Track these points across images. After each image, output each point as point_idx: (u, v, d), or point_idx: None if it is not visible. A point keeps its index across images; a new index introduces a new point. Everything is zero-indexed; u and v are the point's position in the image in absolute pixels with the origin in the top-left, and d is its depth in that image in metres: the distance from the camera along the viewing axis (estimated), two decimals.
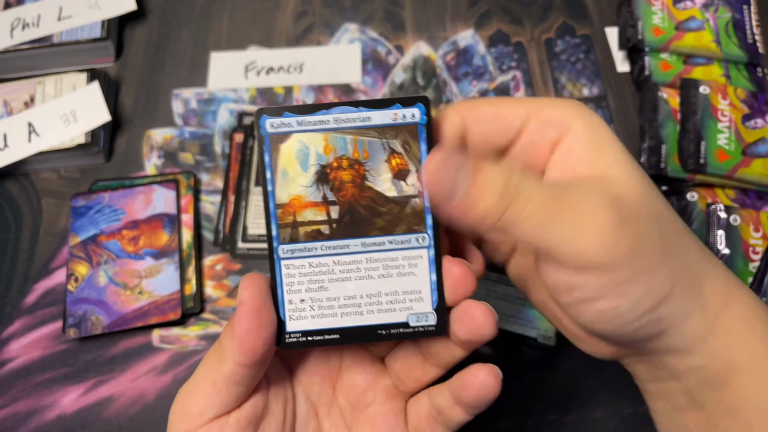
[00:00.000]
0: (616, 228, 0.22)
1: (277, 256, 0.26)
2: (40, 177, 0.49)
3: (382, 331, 0.26)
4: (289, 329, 0.26)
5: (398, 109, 0.25)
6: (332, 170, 0.26)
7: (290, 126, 0.26)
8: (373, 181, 0.26)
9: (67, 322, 0.41)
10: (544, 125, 0.25)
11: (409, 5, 0.56)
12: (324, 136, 0.26)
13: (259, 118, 0.26)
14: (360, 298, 0.26)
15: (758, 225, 0.43)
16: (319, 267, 0.26)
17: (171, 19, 0.56)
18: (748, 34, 0.50)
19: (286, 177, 0.26)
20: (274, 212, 0.26)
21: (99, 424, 0.40)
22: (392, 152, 0.26)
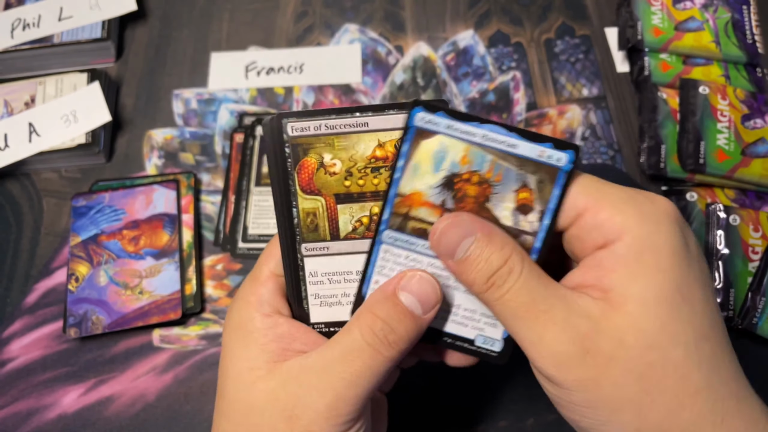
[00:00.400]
0: (573, 355, 0.23)
1: (380, 239, 0.27)
2: (41, 177, 0.49)
3: (447, 339, 0.27)
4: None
5: (548, 148, 0.25)
6: (461, 181, 0.26)
7: (438, 126, 0.26)
8: (495, 205, 0.26)
9: (68, 321, 0.42)
10: (594, 228, 0.25)
11: (409, 5, 0.56)
12: (466, 147, 0.26)
13: (412, 108, 0.26)
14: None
15: (757, 225, 0.43)
16: (414, 262, 0.27)
17: (171, 19, 0.56)
18: (747, 34, 0.51)
19: (416, 171, 0.26)
20: (393, 198, 0.26)
21: (100, 423, 0.40)
22: (524, 186, 0.26)
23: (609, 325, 0.23)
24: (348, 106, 0.25)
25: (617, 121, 0.50)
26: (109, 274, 0.43)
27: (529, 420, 0.40)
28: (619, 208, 0.24)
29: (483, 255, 0.24)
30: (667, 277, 0.23)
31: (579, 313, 0.23)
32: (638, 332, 0.23)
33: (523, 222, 0.26)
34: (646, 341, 0.23)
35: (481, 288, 0.25)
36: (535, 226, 0.26)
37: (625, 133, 0.50)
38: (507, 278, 0.24)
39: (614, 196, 0.25)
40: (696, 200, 0.45)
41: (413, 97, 0.52)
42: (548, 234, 0.26)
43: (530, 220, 0.26)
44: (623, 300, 0.23)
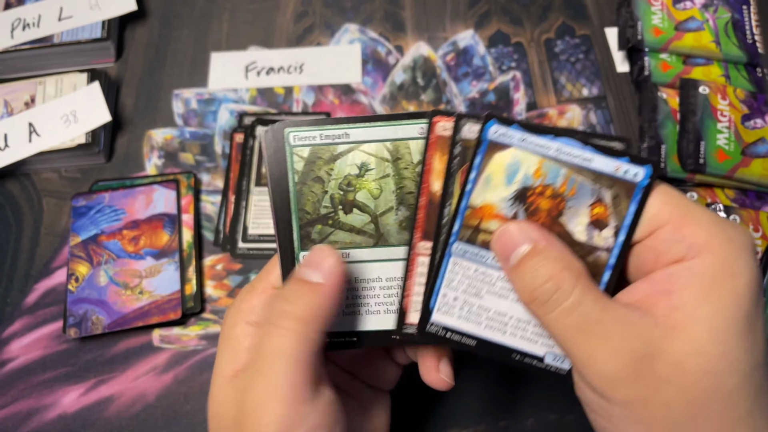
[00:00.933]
0: (626, 376, 0.23)
1: (449, 251, 0.26)
2: (41, 177, 0.49)
3: (515, 356, 0.27)
4: (433, 319, 0.27)
5: (625, 162, 0.25)
6: (534, 194, 0.26)
7: (512, 139, 0.25)
8: (568, 220, 0.26)
9: (68, 321, 0.42)
10: (675, 242, 0.24)
11: (409, 5, 0.56)
12: (540, 160, 0.25)
13: (486, 121, 0.25)
14: (509, 318, 0.27)
15: (757, 225, 0.43)
16: (484, 276, 0.26)
17: (171, 19, 0.56)
18: (747, 34, 0.51)
19: (488, 184, 0.26)
20: (464, 210, 0.26)
21: (100, 423, 0.40)
22: (599, 200, 0.25)
23: (670, 348, 0.23)
24: (556, 126, 0.25)
25: (617, 121, 0.50)
26: (109, 274, 0.43)
27: (529, 420, 0.40)
28: (704, 226, 0.24)
29: (531, 265, 0.24)
30: (739, 304, 0.23)
31: (636, 335, 0.23)
32: (699, 357, 0.22)
33: (597, 238, 0.25)
34: (706, 367, 0.22)
35: (525, 299, 0.25)
36: (609, 242, 0.25)
37: (625, 133, 0.50)
38: (552, 295, 0.24)
39: (699, 213, 0.24)
40: (696, 200, 0.45)
41: (414, 99, 0.52)
42: (623, 250, 0.25)
43: (605, 235, 0.25)
44: (690, 321, 0.23)
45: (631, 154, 0.25)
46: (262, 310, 0.28)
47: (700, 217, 0.24)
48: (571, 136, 0.25)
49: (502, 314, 0.27)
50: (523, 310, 0.26)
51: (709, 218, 0.24)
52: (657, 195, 0.25)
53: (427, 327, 0.27)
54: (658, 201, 0.25)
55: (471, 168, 0.26)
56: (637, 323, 0.23)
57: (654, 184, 0.25)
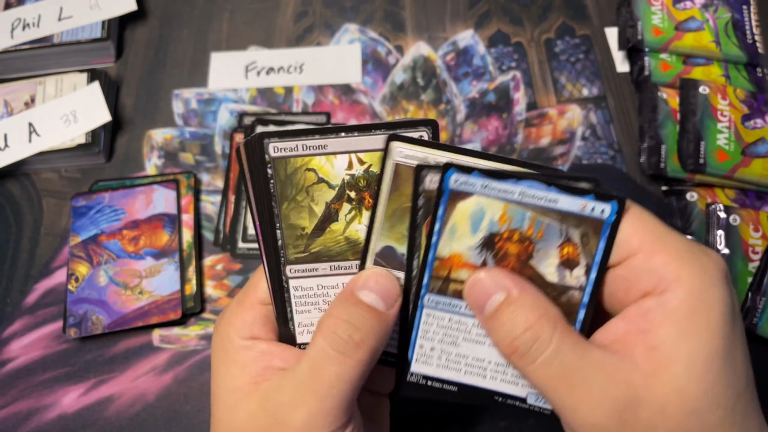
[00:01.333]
0: (610, 427, 0.22)
1: (421, 303, 0.26)
2: (41, 177, 0.49)
3: (498, 398, 0.27)
4: (412, 369, 0.27)
5: (590, 200, 0.24)
6: (501, 240, 0.25)
7: (474, 187, 0.25)
8: (538, 263, 0.25)
9: (68, 321, 0.42)
10: (645, 272, 0.24)
11: (409, 5, 0.56)
12: (504, 205, 0.25)
13: (446, 171, 0.25)
14: (488, 363, 0.26)
15: (758, 225, 0.43)
16: (458, 324, 0.26)
17: (171, 19, 0.56)
18: (747, 34, 0.51)
19: (454, 234, 0.25)
20: (432, 262, 0.26)
21: (100, 423, 0.40)
22: (568, 240, 0.25)
23: (651, 393, 0.22)
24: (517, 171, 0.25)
25: (617, 121, 0.50)
26: (108, 274, 0.43)
27: (529, 420, 0.40)
28: (674, 255, 0.23)
29: (508, 313, 0.24)
30: (717, 337, 0.22)
31: (618, 382, 0.22)
32: (681, 399, 0.22)
33: (569, 277, 0.25)
34: (688, 407, 0.22)
35: (505, 350, 0.24)
36: (581, 281, 0.25)
37: (625, 133, 0.50)
38: (533, 346, 0.23)
39: (671, 241, 0.24)
40: (696, 200, 0.45)
41: (414, 99, 0.52)
42: (595, 288, 0.25)
43: (576, 275, 0.25)
44: (669, 361, 0.22)
45: (596, 191, 0.24)
46: (254, 324, 0.28)
47: (670, 245, 0.23)
48: (535, 179, 0.25)
49: (480, 359, 0.26)
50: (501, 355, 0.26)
51: (680, 246, 0.24)
52: (628, 221, 0.24)
53: (408, 377, 0.27)
54: (629, 227, 0.24)
55: (435, 219, 0.25)
56: (617, 369, 0.23)
57: (624, 214, 0.24)
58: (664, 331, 0.23)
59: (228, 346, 0.28)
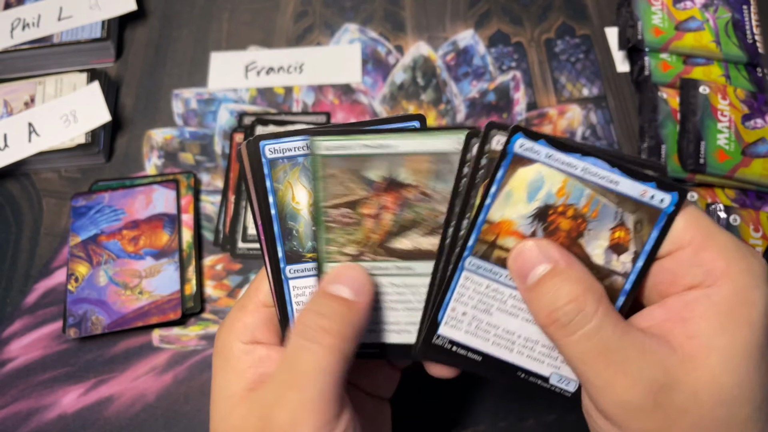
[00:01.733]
0: (643, 406, 0.22)
1: (462, 265, 0.26)
2: (41, 177, 0.49)
3: (521, 374, 0.27)
4: (440, 332, 0.27)
5: (651, 187, 0.24)
6: (555, 213, 0.25)
7: (538, 155, 0.24)
8: (587, 242, 0.25)
9: (68, 321, 0.42)
10: (693, 265, 0.24)
11: (409, 5, 0.56)
12: (564, 178, 0.25)
13: (512, 134, 0.24)
14: (517, 337, 0.26)
15: (758, 225, 0.43)
16: (495, 293, 0.26)
17: (171, 19, 0.56)
18: (747, 34, 0.51)
19: (509, 199, 0.25)
20: (480, 225, 0.25)
21: (99, 423, 0.40)
22: (621, 224, 0.25)
23: (686, 378, 0.22)
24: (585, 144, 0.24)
25: (617, 121, 0.50)
26: (108, 274, 0.43)
27: (529, 420, 0.40)
28: (724, 252, 0.23)
29: (552, 284, 0.24)
30: (755, 334, 0.23)
31: (655, 364, 0.23)
32: (714, 387, 0.22)
33: (615, 262, 0.25)
34: (721, 397, 0.22)
35: (543, 320, 0.24)
36: (627, 267, 0.25)
37: (625, 133, 0.50)
38: (575, 318, 0.23)
39: (721, 238, 0.24)
40: (696, 200, 0.45)
41: (414, 99, 0.51)
42: (640, 276, 0.25)
43: (623, 260, 0.25)
44: (707, 351, 0.23)
45: (659, 180, 0.24)
46: (256, 328, 0.28)
47: (720, 243, 0.24)
48: (600, 157, 0.24)
49: (511, 332, 0.26)
50: (533, 330, 0.26)
51: (730, 244, 0.24)
52: (682, 215, 0.24)
53: (434, 339, 0.27)
54: (681, 222, 0.24)
55: (492, 181, 0.25)
56: (655, 351, 0.23)
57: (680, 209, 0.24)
58: (705, 323, 0.23)
59: (227, 353, 0.27)
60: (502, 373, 0.27)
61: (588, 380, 0.23)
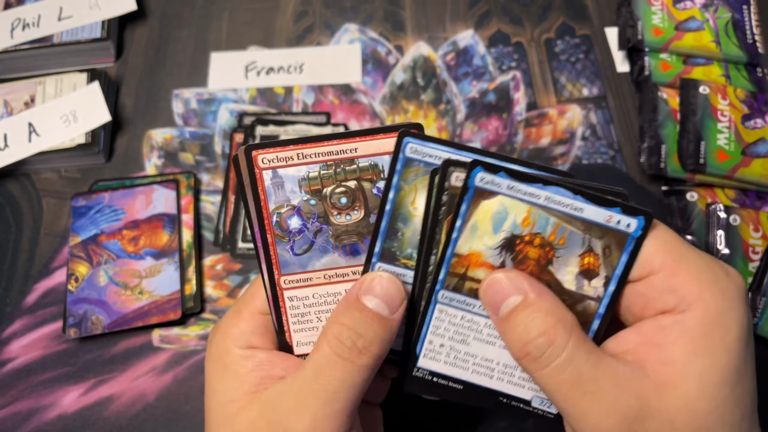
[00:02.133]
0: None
1: (435, 299, 0.26)
2: (41, 177, 0.49)
3: (502, 399, 0.27)
4: (419, 365, 0.27)
5: (617, 213, 0.24)
6: (522, 243, 0.25)
7: (499, 187, 0.25)
8: (557, 269, 0.25)
9: (68, 321, 0.42)
10: (665, 291, 0.24)
11: (409, 5, 0.56)
12: (528, 208, 0.25)
13: (472, 169, 0.24)
14: (496, 363, 0.26)
15: (758, 225, 0.43)
16: (470, 323, 0.26)
17: (171, 19, 0.56)
18: (747, 34, 0.51)
19: (474, 232, 0.25)
20: (449, 259, 0.25)
21: (99, 423, 0.40)
22: (589, 250, 0.25)
23: (661, 405, 0.22)
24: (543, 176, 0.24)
25: (617, 121, 0.50)
26: (108, 274, 0.43)
27: (529, 420, 0.40)
28: (696, 276, 0.23)
29: (523, 317, 0.24)
30: (730, 358, 0.23)
31: (629, 392, 0.22)
32: (690, 414, 0.22)
33: (587, 287, 0.25)
34: (696, 424, 0.22)
35: (516, 354, 0.24)
36: (599, 292, 0.25)
37: (625, 133, 0.50)
38: (546, 351, 0.23)
39: (692, 261, 0.24)
40: (696, 200, 0.45)
41: (414, 99, 0.52)
42: (612, 300, 0.25)
43: (594, 285, 0.25)
44: (681, 377, 0.22)
45: (624, 205, 0.24)
46: (252, 334, 0.28)
47: (692, 266, 0.24)
48: (562, 185, 0.24)
49: (489, 360, 0.26)
50: (510, 356, 0.26)
51: (703, 266, 0.24)
52: (651, 239, 0.24)
53: (414, 372, 0.27)
54: (650, 246, 0.24)
55: (457, 215, 0.25)
56: (629, 379, 0.23)
57: (648, 232, 0.24)
58: (679, 348, 0.23)
59: (225, 357, 0.27)
60: (484, 399, 0.27)
61: (564, 410, 0.23)
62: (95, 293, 0.42)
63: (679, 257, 0.24)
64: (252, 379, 0.26)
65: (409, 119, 0.51)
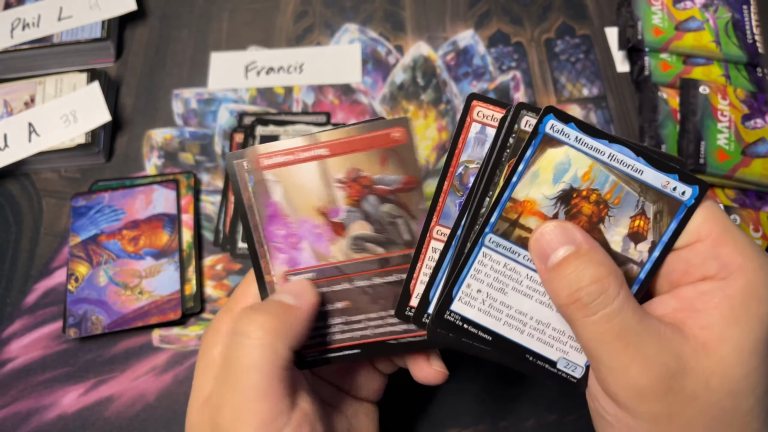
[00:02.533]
0: (655, 391, 0.23)
1: (481, 242, 0.26)
2: (41, 177, 0.49)
3: (528, 357, 0.27)
4: (453, 307, 0.26)
5: (674, 179, 0.25)
6: (579, 197, 0.25)
7: (567, 137, 0.25)
8: (607, 228, 0.25)
9: (68, 321, 0.42)
10: (710, 257, 0.24)
11: (409, 5, 0.56)
12: (591, 163, 0.25)
13: (544, 115, 0.25)
14: (530, 318, 0.26)
15: (758, 225, 0.43)
16: (512, 272, 0.26)
17: (171, 19, 0.56)
18: (747, 34, 0.51)
19: (535, 179, 0.25)
20: (504, 203, 0.25)
21: (99, 423, 0.40)
22: (642, 213, 0.25)
23: (698, 366, 0.23)
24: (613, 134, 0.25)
25: (617, 121, 0.50)
26: (108, 274, 0.43)
27: (530, 420, 0.40)
28: (740, 248, 0.24)
29: (576, 265, 0.24)
30: (764, 330, 0.23)
31: (671, 351, 0.23)
32: (724, 377, 0.23)
33: (633, 250, 0.25)
34: (730, 387, 0.23)
35: (564, 300, 0.24)
36: (643, 256, 0.25)
37: (625, 133, 0.50)
38: (597, 298, 0.23)
39: (737, 234, 0.24)
40: None
41: (414, 99, 0.52)
42: (655, 266, 0.25)
43: (640, 249, 0.25)
44: (719, 342, 0.23)
45: (682, 172, 0.25)
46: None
47: (737, 239, 0.24)
48: (627, 145, 0.25)
49: (523, 314, 0.26)
50: (545, 313, 0.26)
51: (746, 241, 0.24)
52: (701, 209, 0.25)
53: (446, 314, 0.26)
54: (700, 215, 0.25)
55: (520, 160, 0.25)
56: (670, 339, 0.23)
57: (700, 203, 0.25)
58: (718, 313, 0.23)
59: (208, 357, 0.28)
60: (511, 354, 0.26)
61: (602, 361, 0.24)
62: (95, 293, 0.42)
63: (725, 228, 0.24)
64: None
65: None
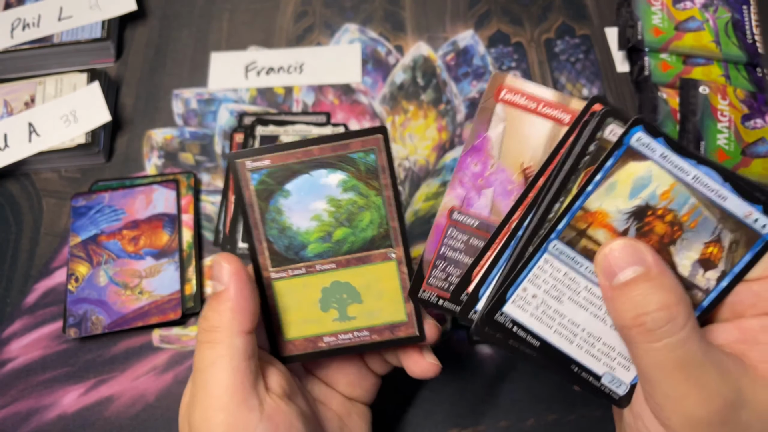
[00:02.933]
0: (711, 422, 0.23)
1: (545, 247, 0.25)
2: (41, 177, 0.49)
3: (574, 368, 0.26)
4: (505, 309, 0.26)
5: (757, 210, 0.24)
6: (653, 215, 0.24)
7: (653, 152, 0.24)
8: (677, 251, 0.24)
9: (68, 321, 0.42)
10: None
11: (409, 5, 0.56)
12: (673, 182, 0.24)
13: (633, 126, 0.24)
14: (582, 330, 0.26)
15: None
16: (571, 282, 0.25)
17: (171, 19, 0.56)
18: (747, 34, 0.51)
19: (611, 190, 0.24)
20: (575, 211, 0.25)
21: (99, 423, 0.40)
22: (717, 240, 0.24)
23: (755, 398, 0.23)
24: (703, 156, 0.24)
25: None
26: (108, 274, 0.43)
27: (530, 420, 0.40)
28: None
29: (643, 288, 0.23)
30: None
31: (731, 383, 0.23)
32: None
33: (700, 277, 0.24)
34: None
35: (627, 322, 0.24)
36: (710, 284, 0.24)
37: None
38: (664, 326, 0.23)
39: None
40: None
41: (414, 99, 0.52)
42: (721, 295, 0.25)
43: (708, 277, 0.24)
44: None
45: (767, 204, 0.24)
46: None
47: None
48: (715, 168, 0.24)
49: (576, 324, 0.26)
50: (598, 326, 0.25)
51: None
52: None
53: (496, 315, 0.26)
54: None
55: (599, 169, 0.24)
56: (731, 371, 0.23)
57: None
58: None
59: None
60: (557, 362, 0.26)
61: (659, 388, 0.23)
62: (95, 293, 0.42)
63: None
64: None
65: (410, 119, 0.51)
